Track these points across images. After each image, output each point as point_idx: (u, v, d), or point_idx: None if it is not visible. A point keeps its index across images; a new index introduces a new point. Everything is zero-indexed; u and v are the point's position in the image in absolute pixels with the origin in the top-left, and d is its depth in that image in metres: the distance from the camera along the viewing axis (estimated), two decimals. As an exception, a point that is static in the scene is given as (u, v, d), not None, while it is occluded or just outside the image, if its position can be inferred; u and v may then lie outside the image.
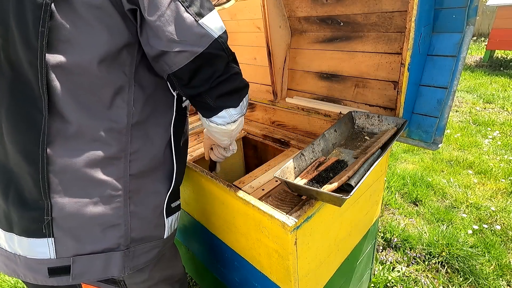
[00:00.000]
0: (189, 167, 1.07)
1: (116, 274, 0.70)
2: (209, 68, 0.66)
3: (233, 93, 0.72)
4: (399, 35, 1.09)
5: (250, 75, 1.72)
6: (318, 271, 0.98)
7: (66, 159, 0.63)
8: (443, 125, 1.02)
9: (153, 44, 0.62)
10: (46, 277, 0.67)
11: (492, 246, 1.88)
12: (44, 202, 0.63)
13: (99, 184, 0.66)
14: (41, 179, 0.62)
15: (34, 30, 0.55)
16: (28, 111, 0.60)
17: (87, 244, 0.67)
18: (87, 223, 0.66)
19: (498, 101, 3.99)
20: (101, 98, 0.64)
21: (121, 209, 0.68)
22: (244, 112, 0.79)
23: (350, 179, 0.83)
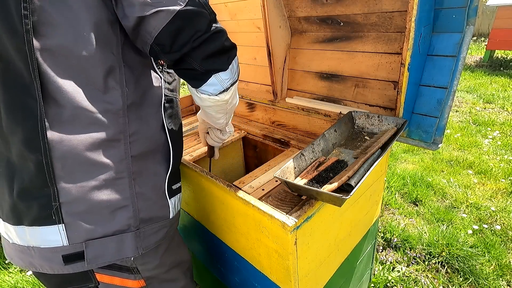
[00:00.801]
0: (189, 167, 1.07)
1: (130, 254, 0.71)
2: (190, 28, 0.62)
3: (220, 53, 0.67)
4: (399, 35, 1.09)
5: (250, 75, 1.72)
6: (318, 271, 0.98)
7: (67, 143, 0.62)
8: (443, 125, 1.02)
9: (128, 13, 0.59)
10: (62, 265, 0.67)
11: (492, 246, 1.88)
12: (50, 188, 0.63)
13: (102, 167, 0.66)
14: (45, 165, 0.62)
15: (17, 15, 0.54)
16: (22, 100, 0.59)
17: (98, 228, 0.67)
18: (95, 206, 0.66)
19: (498, 101, 3.99)
20: (93, 79, 0.62)
21: (126, 191, 0.69)
22: (235, 78, 0.74)
23: (350, 179, 0.83)
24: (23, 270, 2.05)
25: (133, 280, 0.77)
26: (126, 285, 0.77)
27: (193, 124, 1.62)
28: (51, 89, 0.60)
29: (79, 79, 0.62)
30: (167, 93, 0.78)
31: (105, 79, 0.64)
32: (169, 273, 0.87)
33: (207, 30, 0.63)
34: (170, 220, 0.82)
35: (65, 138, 0.62)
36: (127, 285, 0.77)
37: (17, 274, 2.01)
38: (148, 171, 0.74)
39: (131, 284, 0.78)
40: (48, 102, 0.61)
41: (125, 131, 0.67)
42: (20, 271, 2.04)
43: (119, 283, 0.76)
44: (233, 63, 0.71)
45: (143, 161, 0.73)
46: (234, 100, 0.83)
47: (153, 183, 0.76)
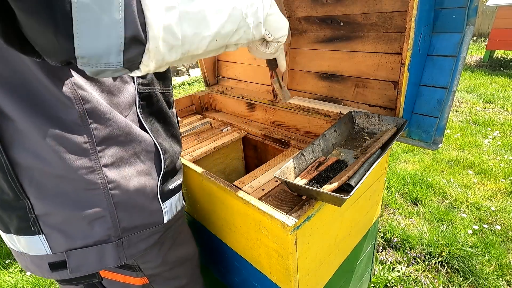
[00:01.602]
0: (189, 167, 1.07)
1: (112, 264, 0.69)
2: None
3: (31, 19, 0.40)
4: (399, 35, 1.09)
5: (250, 75, 1.72)
6: (318, 271, 0.98)
7: (28, 158, 0.58)
8: (443, 125, 1.03)
9: None
10: (50, 272, 0.67)
11: (492, 246, 1.88)
12: (24, 201, 0.61)
13: (71, 180, 0.61)
14: (12, 181, 0.59)
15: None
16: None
17: (77, 239, 0.66)
18: (71, 218, 0.64)
19: (498, 101, 3.99)
20: (41, 86, 0.55)
21: (102, 201, 0.65)
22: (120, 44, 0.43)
23: (350, 179, 0.83)
24: (23, 270, 2.05)
25: (135, 277, 0.77)
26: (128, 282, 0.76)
27: (193, 124, 1.62)
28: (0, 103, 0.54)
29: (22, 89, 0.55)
30: (141, 89, 0.70)
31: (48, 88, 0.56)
32: (172, 271, 0.85)
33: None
34: (164, 225, 0.77)
35: (26, 152, 0.58)
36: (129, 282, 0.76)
37: (17, 274, 2.01)
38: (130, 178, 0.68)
39: (134, 281, 0.77)
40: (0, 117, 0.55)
41: (91, 139, 0.61)
42: (20, 271, 2.04)
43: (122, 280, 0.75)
44: (77, 29, 0.41)
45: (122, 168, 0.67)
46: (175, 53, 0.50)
47: (139, 189, 0.70)
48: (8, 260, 2.11)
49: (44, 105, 0.56)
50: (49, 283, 1.93)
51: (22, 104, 0.54)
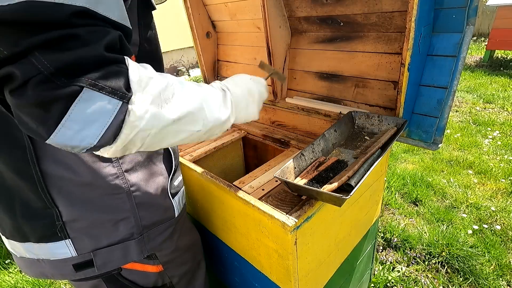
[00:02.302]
0: (189, 167, 1.07)
1: (135, 258, 0.75)
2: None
3: (23, 113, 0.44)
4: (399, 35, 1.09)
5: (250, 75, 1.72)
6: (318, 271, 0.98)
7: (58, 168, 0.62)
8: (443, 125, 1.02)
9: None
10: (74, 273, 0.70)
11: (492, 246, 1.88)
12: (51, 209, 0.65)
13: (97, 187, 0.66)
14: (41, 192, 0.62)
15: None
16: (6, 132, 0.58)
17: (103, 239, 0.70)
18: (97, 221, 0.68)
19: (498, 101, 3.99)
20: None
21: (126, 204, 0.70)
22: (94, 143, 0.47)
23: (350, 179, 0.83)
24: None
25: (152, 265, 0.82)
26: (146, 270, 0.81)
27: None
28: None
29: None
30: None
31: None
32: (182, 257, 0.91)
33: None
34: (175, 218, 0.84)
35: (56, 163, 0.61)
36: (147, 270, 0.81)
37: (17, 274, 2.01)
38: (147, 180, 0.74)
39: (151, 269, 0.82)
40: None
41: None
42: (20, 271, 2.04)
43: (140, 269, 0.80)
44: (59, 129, 0.44)
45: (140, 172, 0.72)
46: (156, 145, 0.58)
47: (155, 189, 0.76)
48: (8, 260, 2.11)
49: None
50: (49, 283, 1.93)
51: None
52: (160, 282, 0.86)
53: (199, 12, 1.70)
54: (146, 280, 0.83)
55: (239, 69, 1.78)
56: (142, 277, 0.81)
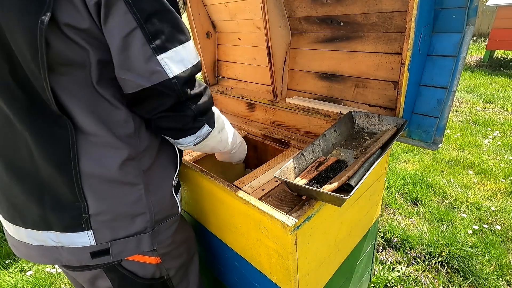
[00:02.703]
0: (189, 167, 1.07)
1: (147, 249, 0.82)
2: (156, 101, 0.68)
3: (177, 130, 0.75)
4: (399, 35, 1.09)
5: (250, 75, 1.72)
6: (318, 271, 0.98)
7: (93, 167, 0.70)
8: (443, 125, 1.03)
9: (115, 71, 0.66)
10: (90, 259, 0.77)
11: (492, 246, 1.88)
12: (80, 203, 0.71)
13: (123, 183, 0.74)
14: (76, 186, 0.69)
15: (33, 61, 0.57)
16: (52, 130, 0.65)
17: (121, 231, 0.77)
18: (119, 216, 0.75)
19: (498, 101, 3.99)
20: (112, 110, 0.70)
21: (143, 200, 0.78)
22: (190, 145, 0.80)
23: (350, 179, 0.83)
24: (23, 270, 2.05)
25: (151, 257, 0.86)
26: (145, 261, 0.86)
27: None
28: (79, 120, 0.66)
29: (101, 110, 0.69)
30: None
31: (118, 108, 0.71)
32: (178, 250, 0.97)
33: (171, 109, 0.69)
34: (179, 214, 0.92)
35: (92, 161, 0.70)
36: (146, 261, 0.86)
37: (17, 274, 2.01)
38: (158, 178, 0.82)
39: (149, 260, 0.86)
40: (77, 131, 0.67)
41: (138, 149, 0.75)
42: (20, 271, 2.05)
43: (140, 260, 0.85)
44: (186, 138, 0.77)
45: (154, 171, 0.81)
46: (220, 144, 0.95)
47: (165, 186, 0.84)
48: (8, 260, 2.11)
49: (111, 122, 0.70)
50: (49, 283, 1.93)
51: (98, 121, 0.68)
52: (158, 274, 0.91)
53: (199, 12, 1.70)
54: (145, 272, 0.87)
55: (239, 69, 1.78)
56: (141, 268, 0.86)
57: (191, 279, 1.05)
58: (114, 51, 0.62)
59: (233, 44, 1.76)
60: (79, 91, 0.65)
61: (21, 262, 2.10)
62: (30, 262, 2.09)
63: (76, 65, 0.62)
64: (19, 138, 0.67)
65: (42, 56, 0.56)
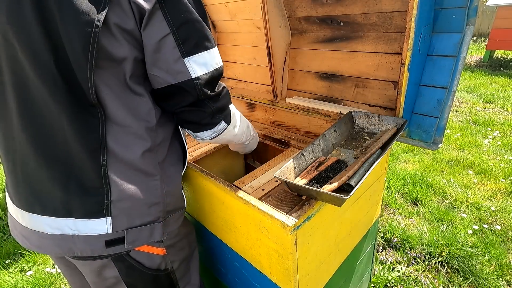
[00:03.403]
0: (189, 167, 1.07)
1: (158, 239, 0.87)
2: (179, 97, 0.77)
3: (196, 124, 0.83)
4: (399, 35, 1.09)
5: (250, 75, 1.72)
6: (318, 271, 0.98)
7: (119, 154, 0.76)
8: (443, 125, 1.03)
9: (147, 68, 0.75)
10: (103, 248, 0.79)
11: (492, 246, 1.88)
12: (104, 189, 0.75)
13: (143, 172, 0.80)
14: (102, 172, 0.74)
15: (83, 54, 0.64)
16: (86, 118, 0.71)
17: (136, 219, 0.81)
18: (138, 203, 0.79)
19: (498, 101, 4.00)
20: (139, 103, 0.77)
21: (158, 190, 0.83)
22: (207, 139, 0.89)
23: (350, 179, 0.83)
24: (23, 270, 2.05)
25: (157, 247, 0.89)
26: (152, 252, 0.89)
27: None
28: (111, 112, 0.73)
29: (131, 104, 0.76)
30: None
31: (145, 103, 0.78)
32: (181, 242, 1.00)
33: (192, 104, 0.78)
34: (185, 207, 0.96)
35: (119, 149, 0.76)
36: (153, 252, 0.89)
37: (17, 274, 2.01)
38: (173, 170, 0.88)
39: (156, 251, 0.90)
40: (108, 121, 0.74)
41: (155, 142, 0.81)
42: (20, 271, 2.05)
43: (147, 250, 0.87)
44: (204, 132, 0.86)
45: (167, 163, 0.86)
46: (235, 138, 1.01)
47: (176, 179, 0.89)
48: (8, 260, 2.11)
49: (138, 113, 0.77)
50: (49, 283, 1.93)
51: (128, 112, 0.75)
52: (163, 266, 0.93)
53: (199, 12, 1.70)
54: (151, 262, 0.90)
55: (239, 69, 1.78)
56: (148, 258, 0.88)
57: (193, 274, 1.07)
58: (148, 52, 0.71)
59: (233, 44, 1.76)
60: (114, 84, 0.72)
61: (21, 262, 2.10)
62: (30, 262, 2.09)
63: (115, 60, 0.69)
64: (57, 124, 0.72)
65: (93, 49, 0.64)
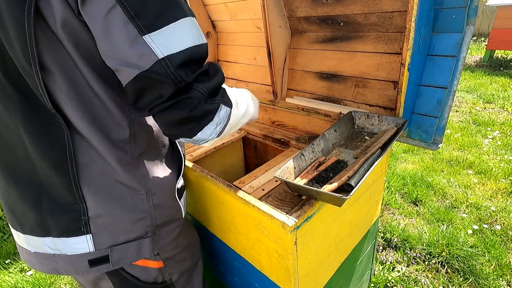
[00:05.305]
0: (189, 167, 1.07)
1: (147, 256, 0.80)
2: (153, 92, 0.57)
3: (184, 123, 0.61)
4: (399, 35, 1.09)
5: (250, 75, 1.72)
6: (318, 271, 0.98)
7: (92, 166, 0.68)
8: (443, 125, 1.02)
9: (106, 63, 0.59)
10: (87, 268, 0.74)
11: (492, 246, 1.88)
12: (79, 205, 0.69)
13: (124, 185, 0.72)
14: (74, 187, 0.67)
15: (24, 57, 0.55)
16: (47, 130, 0.63)
17: (120, 236, 0.74)
18: (119, 219, 0.73)
19: (498, 101, 3.99)
20: (107, 111, 0.66)
21: (144, 204, 0.76)
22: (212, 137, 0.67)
23: (350, 179, 0.83)
24: (23, 270, 2.05)
25: (153, 261, 0.85)
26: (147, 265, 0.84)
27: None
28: (72, 120, 0.64)
29: (95, 111, 0.65)
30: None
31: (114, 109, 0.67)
32: (182, 254, 0.95)
33: (170, 97, 0.58)
34: (183, 219, 0.90)
35: (90, 162, 0.68)
36: (148, 265, 0.84)
37: (17, 274, 2.01)
38: (162, 183, 0.80)
39: (152, 264, 0.85)
40: (72, 131, 0.65)
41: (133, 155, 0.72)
42: (20, 271, 2.05)
43: (142, 264, 0.83)
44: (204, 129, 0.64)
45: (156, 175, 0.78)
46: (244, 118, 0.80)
47: (168, 191, 0.82)
48: (8, 260, 2.11)
49: (105, 125, 0.67)
50: (49, 283, 1.93)
51: (92, 123, 0.65)
52: (161, 279, 0.89)
53: (199, 12, 1.70)
54: (147, 276, 0.85)
55: (239, 69, 1.78)
56: (143, 272, 0.84)
57: (195, 284, 1.03)
58: (98, 38, 0.54)
59: (233, 44, 1.76)
60: (72, 91, 0.61)
61: (21, 262, 2.10)
62: (30, 262, 2.09)
63: (65, 63, 0.58)
64: (16, 139, 0.64)
65: (32, 49, 0.53)
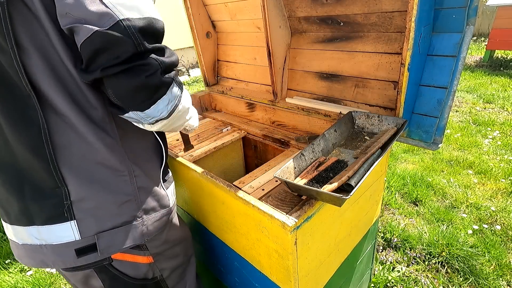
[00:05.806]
0: (189, 167, 1.07)
1: (138, 242, 0.79)
2: (110, 52, 0.56)
3: (138, 91, 0.60)
4: (399, 35, 1.09)
5: (250, 75, 1.72)
6: (318, 271, 0.98)
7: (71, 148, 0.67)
8: (443, 125, 1.02)
9: (61, 24, 0.57)
10: (75, 259, 0.72)
11: (492, 246, 1.88)
12: (61, 188, 0.68)
13: (107, 167, 0.71)
14: (53, 170, 0.66)
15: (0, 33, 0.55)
16: (22, 111, 0.62)
17: (107, 221, 0.73)
18: (103, 202, 0.72)
19: (498, 101, 3.99)
20: (84, 89, 0.65)
21: (128, 186, 0.75)
22: (164, 116, 0.67)
23: (350, 179, 0.83)
24: (23, 270, 2.05)
25: (142, 256, 0.84)
26: (136, 260, 0.83)
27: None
28: (49, 99, 0.63)
29: (73, 89, 0.65)
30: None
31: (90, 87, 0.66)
32: (173, 250, 0.94)
33: (127, 60, 0.57)
34: (170, 208, 0.89)
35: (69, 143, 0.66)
36: (137, 261, 0.84)
37: (17, 274, 2.01)
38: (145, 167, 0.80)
39: (141, 260, 0.84)
40: (47, 110, 0.63)
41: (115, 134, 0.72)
42: (20, 271, 2.04)
43: (131, 259, 0.82)
44: (157, 104, 0.64)
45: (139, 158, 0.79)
46: (174, 125, 0.77)
47: (151, 175, 0.82)
48: (8, 260, 2.11)
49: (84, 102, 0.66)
50: (49, 283, 1.93)
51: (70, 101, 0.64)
52: (151, 275, 0.88)
53: (199, 12, 1.70)
54: (136, 272, 0.84)
55: (239, 69, 1.78)
56: (133, 268, 0.83)
57: (188, 281, 1.02)
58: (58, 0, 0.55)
59: (233, 44, 1.76)
60: (48, 68, 0.60)
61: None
62: (30, 262, 2.09)
63: (41, 41, 0.58)
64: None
65: (6, 24, 0.54)
